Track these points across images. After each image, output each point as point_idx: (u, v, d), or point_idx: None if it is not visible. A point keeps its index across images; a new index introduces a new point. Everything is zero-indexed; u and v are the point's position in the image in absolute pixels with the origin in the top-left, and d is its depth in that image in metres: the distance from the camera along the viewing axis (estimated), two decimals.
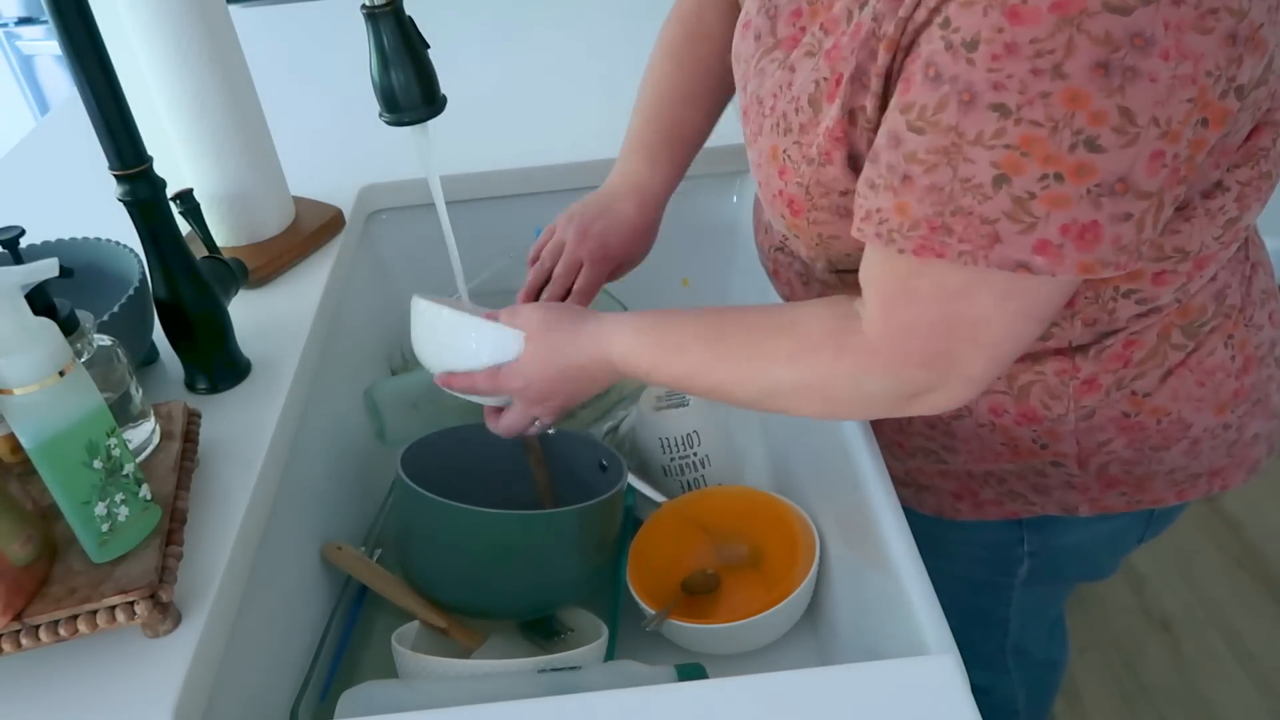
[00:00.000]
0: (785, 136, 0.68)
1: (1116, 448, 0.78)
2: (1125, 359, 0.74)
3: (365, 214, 1.16)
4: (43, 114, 2.71)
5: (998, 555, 0.93)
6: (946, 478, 0.88)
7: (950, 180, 0.55)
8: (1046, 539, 0.89)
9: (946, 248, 0.57)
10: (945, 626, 0.63)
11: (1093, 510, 0.84)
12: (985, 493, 0.86)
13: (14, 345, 0.57)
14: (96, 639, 0.64)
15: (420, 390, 0.98)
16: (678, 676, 0.73)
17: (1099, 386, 0.75)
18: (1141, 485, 0.82)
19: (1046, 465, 0.81)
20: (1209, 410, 0.77)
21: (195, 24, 0.91)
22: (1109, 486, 0.82)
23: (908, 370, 0.64)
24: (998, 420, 0.79)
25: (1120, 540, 0.91)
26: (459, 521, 0.78)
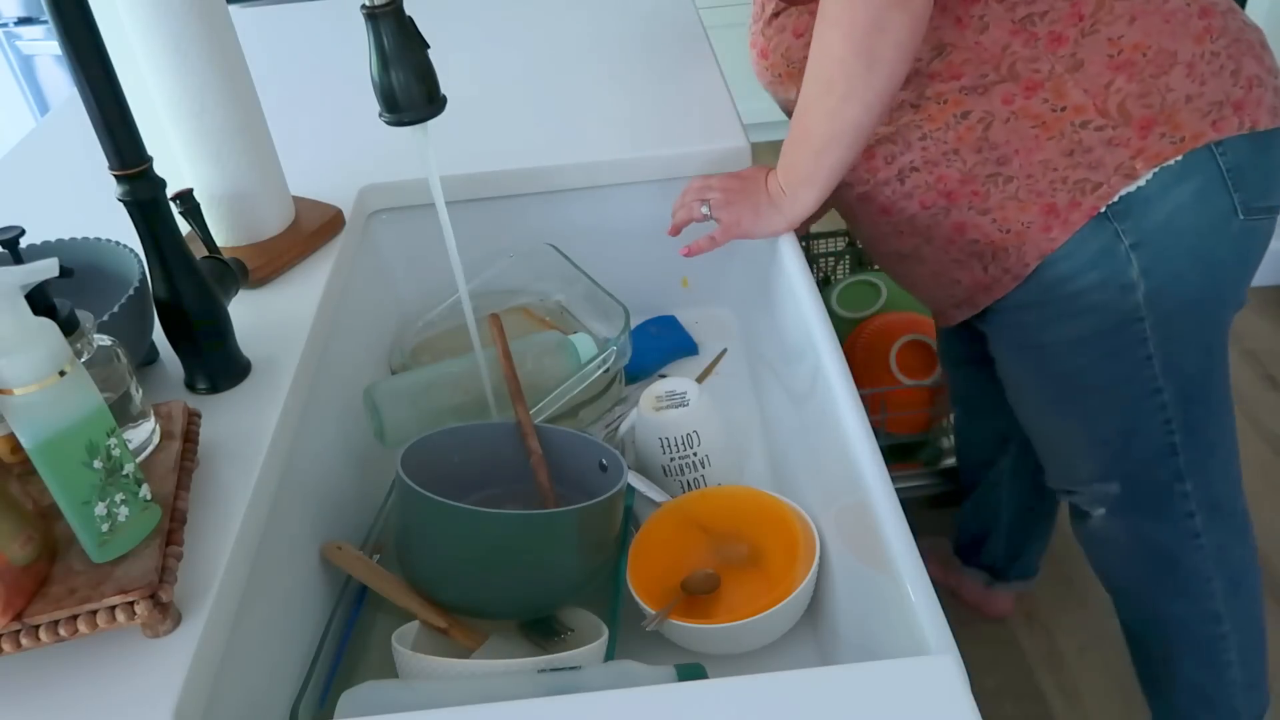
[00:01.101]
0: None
1: (1120, 84, 0.90)
2: (1077, 15, 0.89)
3: (365, 214, 1.16)
4: (43, 114, 2.71)
5: (1109, 273, 0.95)
6: (1026, 209, 0.95)
7: None
8: (1136, 223, 0.93)
9: None
10: (945, 626, 0.63)
11: (1149, 163, 0.91)
12: (1059, 198, 0.94)
13: (14, 345, 0.57)
14: (96, 639, 0.64)
15: (420, 390, 0.98)
16: (678, 676, 0.73)
17: (1065, 39, 0.89)
18: (1172, 120, 0.90)
19: (1079, 129, 0.91)
20: (1186, 39, 0.89)
21: (195, 24, 0.91)
22: (1144, 129, 0.90)
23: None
24: (1011, 107, 0.92)
25: (1210, 208, 0.93)
26: (459, 521, 0.78)
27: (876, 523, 0.71)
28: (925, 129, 0.96)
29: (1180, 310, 0.98)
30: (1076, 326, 1.00)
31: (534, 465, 0.91)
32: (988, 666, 1.62)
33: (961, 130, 0.95)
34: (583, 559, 0.82)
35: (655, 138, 1.19)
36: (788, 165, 0.97)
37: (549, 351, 1.00)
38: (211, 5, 0.92)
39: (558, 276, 1.12)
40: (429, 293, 1.13)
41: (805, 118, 0.92)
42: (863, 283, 1.74)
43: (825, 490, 0.84)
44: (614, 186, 1.17)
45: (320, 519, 0.88)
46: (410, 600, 0.82)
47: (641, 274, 1.20)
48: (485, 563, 0.79)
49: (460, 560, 0.80)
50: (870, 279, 1.73)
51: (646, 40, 1.47)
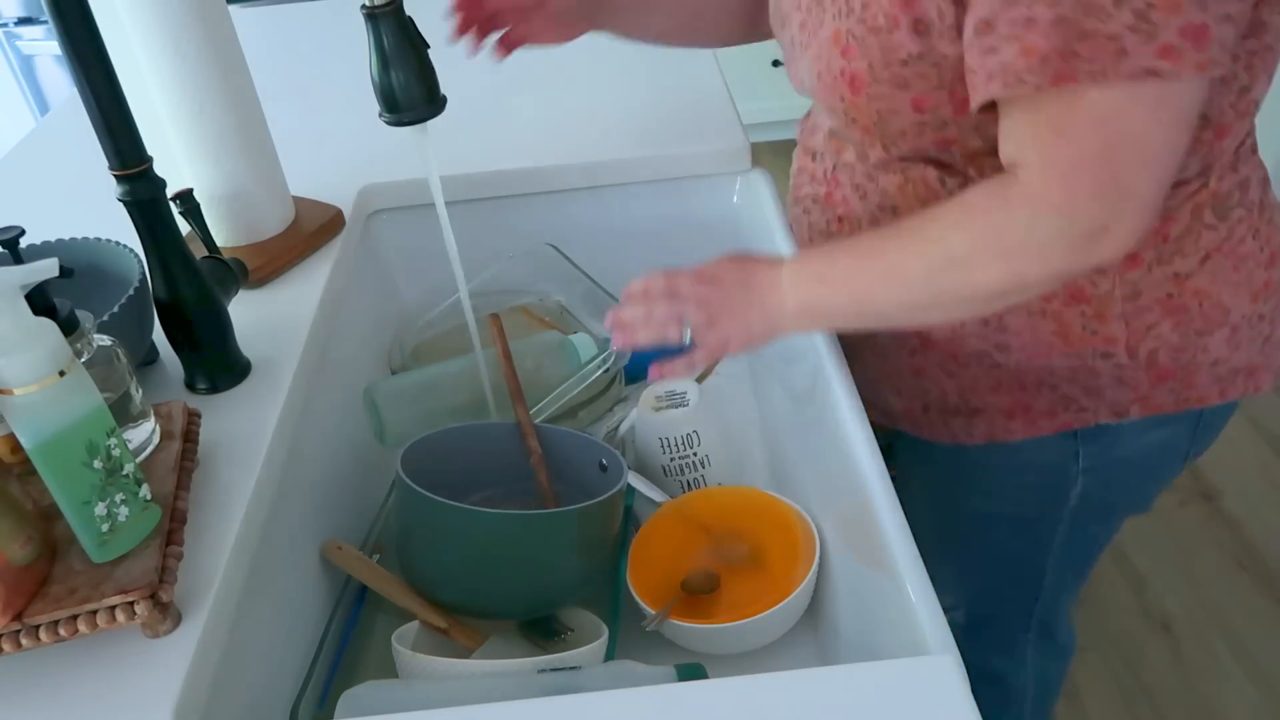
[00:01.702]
0: (849, 18, 0.73)
1: (1163, 331, 0.81)
2: (1163, 234, 0.78)
3: (365, 214, 1.16)
4: (43, 114, 2.71)
5: (1051, 479, 0.93)
6: (999, 391, 0.88)
7: (1074, 9, 0.60)
8: (1100, 451, 0.90)
9: (1076, 70, 0.61)
10: (945, 626, 0.63)
11: (1144, 411, 0.86)
12: (1038, 403, 0.87)
13: (14, 345, 0.57)
14: (96, 639, 0.64)
15: (420, 389, 0.98)
16: (678, 676, 0.73)
17: (1140, 261, 0.78)
18: (1188, 378, 0.84)
19: (1097, 358, 0.83)
20: (1244, 296, 0.82)
21: (195, 24, 0.91)
22: (1158, 380, 0.84)
23: (1081, 205, 0.65)
24: (1048, 305, 0.81)
25: (1169, 454, 0.92)
26: (459, 522, 0.78)
27: (876, 523, 0.71)
28: None
29: (1100, 517, 0.99)
30: (995, 504, 0.97)
31: (534, 465, 0.91)
32: None
33: None
34: (583, 559, 0.82)
35: (655, 138, 1.19)
36: (807, 292, 0.76)
37: (549, 351, 1.00)
38: (211, 5, 0.92)
39: (558, 276, 1.12)
40: (429, 293, 1.13)
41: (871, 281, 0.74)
42: None
43: (825, 490, 0.84)
44: (614, 186, 1.17)
45: (320, 519, 0.88)
46: (410, 600, 0.82)
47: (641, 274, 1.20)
48: (485, 563, 0.79)
49: (460, 560, 0.80)
50: None
51: None
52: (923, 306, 0.74)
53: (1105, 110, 0.63)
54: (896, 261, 0.72)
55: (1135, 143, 0.64)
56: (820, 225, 0.90)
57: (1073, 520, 0.96)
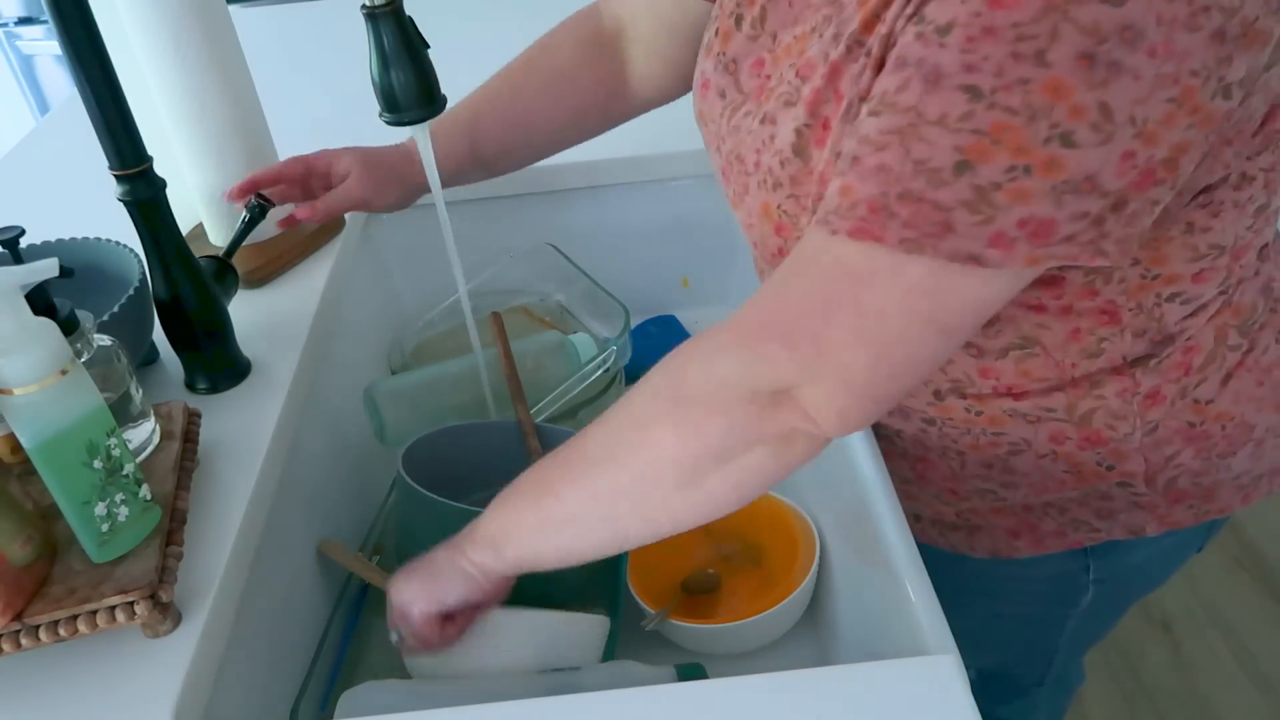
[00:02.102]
0: (776, 192, 0.64)
1: (1184, 459, 0.75)
2: (1186, 366, 0.71)
3: (365, 214, 1.15)
4: (43, 114, 2.71)
5: (1061, 588, 0.88)
6: (1003, 514, 0.82)
7: (901, 161, 0.51)
8: (1112, 564, 0.84)
9: (886, 231, 0.51)
10: (945, 626, 0.63)
11: (1161, 528, 0.80)
12: (1046, 525, 0.81)
13: (14, 345, 0.57)
14: (96, 639, 0.64)
15: (420, 390, 0.98)
16: (678, 676, 0.73)
17: (1163, 398, 0.71)
18: (1209, 495, 0.79)
19: (1112, 487, 0.77)
20: (1270, 409, 0.75)
21: (195, 24, 0.91)
22: (1177, 501, 0.78)
23: (762, 346, 0.55)
24: (1059, 449, 0.74)
25: (1183, 551, 0.88)
26: (461, 522, 0.78)
27: (876, 523, 0.71)
28: (941, 418, 0.75)
29: (1114, 608, 0.97)
30: (1003, 604, 0.92)
31: None
32: None
33: (983, 443, 0.75)
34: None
35: (655, 138, 1.19)
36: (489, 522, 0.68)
37: (549, 351, 1.00)
38: (211, 5, 0.92)
39: (558, 276, 1.12)
40: (429, 293, 1.13)
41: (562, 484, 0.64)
42: None
43: (825, 490, 0.84)
44: (614, 186, 1.17)
45: (320, 519, 0.88)
46: None
47: (641, 274, 1.20)
48: None
49: None
50: None
51: None
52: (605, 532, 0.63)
53: (858, 266, 0.52)
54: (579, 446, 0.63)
55: (869, 315, 0.53)
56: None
57: (1084, 617, 0.93)
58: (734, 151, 0.70)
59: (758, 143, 0.66)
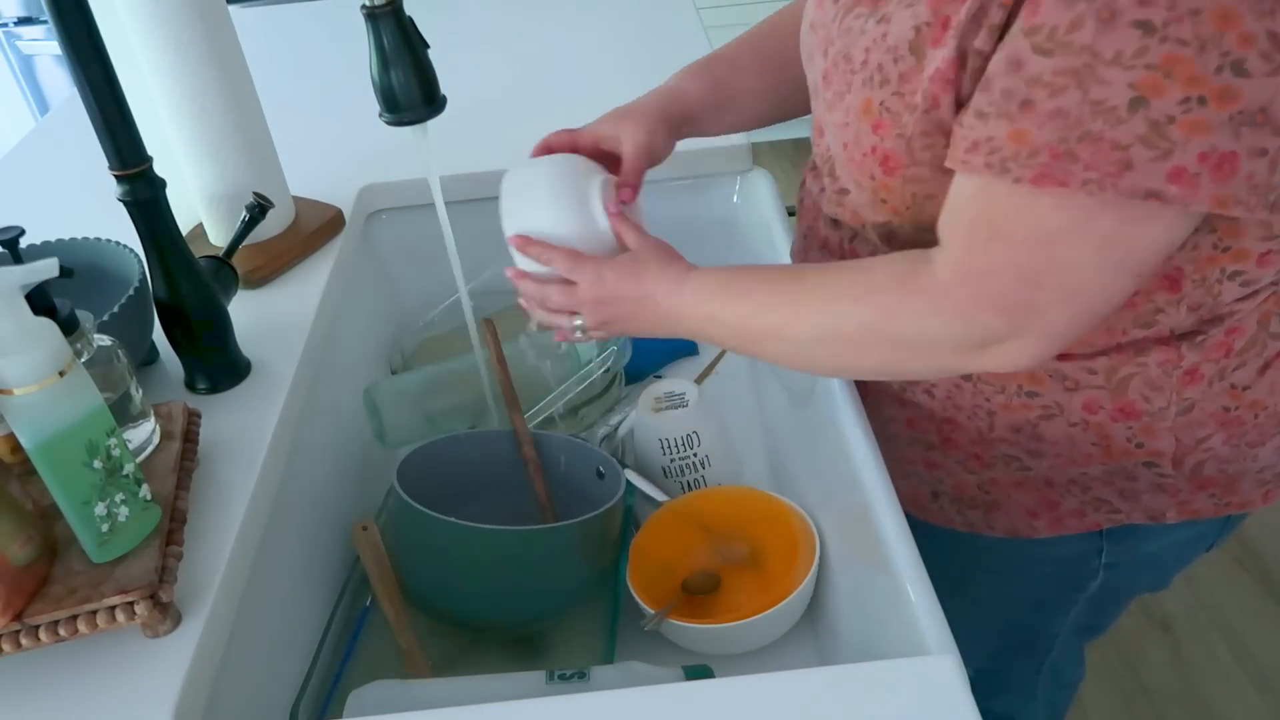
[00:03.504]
0: (882, 89, 0.65)
1: (1215, 444, 0.75)
2: (1228, 348, 0.71)
3: (365, 214, 1.16)
4: (43, 114, 2.71)
5: (1071, 571, 0.89)
6: (1024, 489, 0.82)
7: (1080, 103, 0.52)
8: (1127, 549, 0.85)
9: (1070, 175, 0.53)
10: (945, 626, 0.63)
11: (1180, 515, 0.80)
12: (1067, 503, 0.81)
13: (14, 345, 0.57)
14: (96, 639, 0.64)
15: (420, 390, 0.98)
16: (685, 678, 0.73)
17: (1201, 377, 0.72)
18: (1232, 486, 0.79)
19: (1138, 467, 0.77)
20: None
21: (195, 24, 0.91)
22: (1200, 488, 0.78)
23: (981, 314, 0.61)
24: (1091, 418, 0.74)
25: (1195, 547, 0.88)
26: (457, 537, 0.77)
27: (876, 523, 0.71)
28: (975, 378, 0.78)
29: (1118, 600, 0.97)
30: (1011, 585, 0.94)
31: (531, 473, 0.91)
32: None
33: (1015, 404, 0.76)
34: (582, 569, 0.82)
35: None
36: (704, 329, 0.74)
37: (549, 352, 1.00)
38: (211, 5, 0.92)
39: None
40: (429, 293, 1.13)
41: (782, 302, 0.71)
42: None
43: (825, 490, 0.84)
44: None
45: (320, 519, 0.88)
46: (393, 608, 0.81)
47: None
48: (484, 576, 0.79)
49: (459, 574, 0.79)
50: None
51: (646, 41, 1.47)
52: (800, 365, 0.74)
53: (1054, 227, 0.56)
54: (787, 320, 0.70)
55: (1070, 272, 0.58)
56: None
57: (1089, 604, 0.93)
58: (842, 52, 0.70)
59: (869, 41, 0.67)
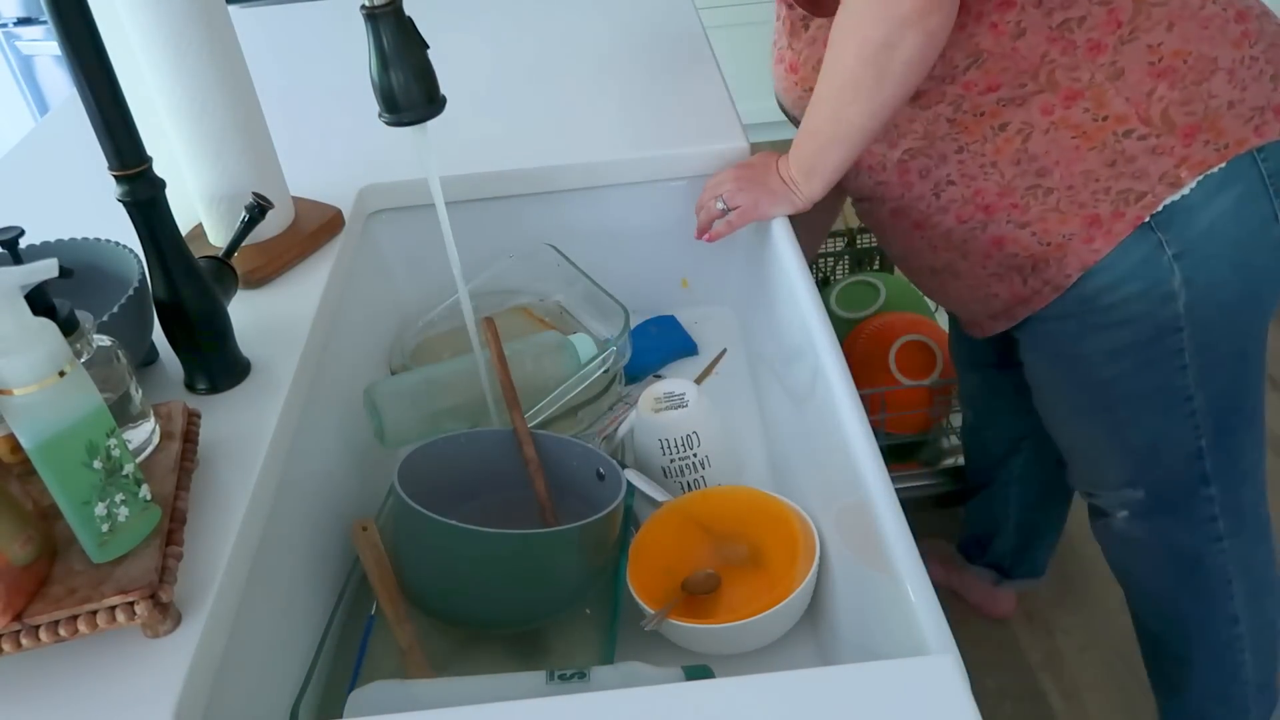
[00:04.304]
0: None
1: (1162, 90, 0.89)
2: (1116, 21, 0.88)
3: (365, 214, 1.16)
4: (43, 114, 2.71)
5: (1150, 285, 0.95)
6: (1067, 221, 0.95)
7: None
8: (1180, 230, 0.92)
9: None
10: (945, 626, 0.62)
11: (1193, 171, 0.90)
12: (1102, 208, 0.93)
13: (14, 345, 0.57)
14: (96, 639, 0.64)
15: (420, 390, 0.98)
16: (685, 678, 0.73)
17: (1103, 47, 0.88)
18: (1213, 124, 0.90)
19: (1121, 139, 0.90)
20: (1225, 44, 0.89)
21: (195, 24, 0.91)
22: (1187, 136, 0.90)
23: None
24: (1052, 116, 0.91)
25: (1251, 218, 0.93)
26: (456, 538, 0.77)
27: (876, 523, 0.71)
28: (962, 141, 0.96)
29: (1219, 319, 0.98)
30: (1114, 337, 1.00)
31: (531, 474, 0.91)
32: (988, 667, 1.62)
33: (999, 142, 0.94)
34: (583, 569, 0.82)
35: (655, 138, 1.19)
36: (796, 156, 0.99)
37: (549, 352, 1.00)
38: (211, 5, 0.92)
39: (558, 276, 1.12)
40: (429, 293, 1.13)
41: (814, 115, 0.95)
42: (862, 283, 1.74)
43: (825, 490, 0.84)
44: (614, 186, 1.17)
45: (320, 519, 0.88)
46: (392, 609, 0.81)
47: (641, 274, 1.20)
48: (484, 577, 0.79)
49: (458, 574, 0.79)
50: (869, 279, 1.73)
51: (646, 41, 1.47)
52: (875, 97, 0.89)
53: None
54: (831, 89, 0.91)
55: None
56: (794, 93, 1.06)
57: (1194, 336, 0.97)
58: None
59: None
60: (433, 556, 0.80)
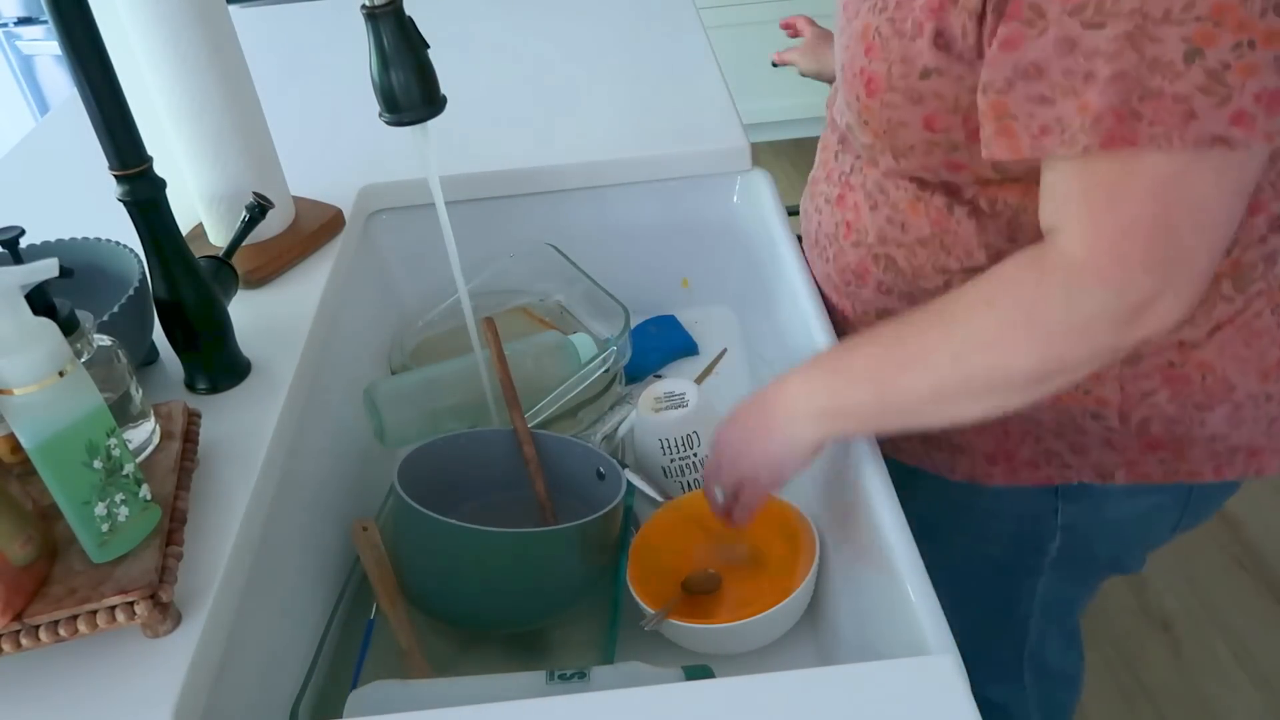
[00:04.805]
0: (880, 14, 0.70)
1: (1160, 400, 0.77)
2: None
3: (365, 214, 1.16)
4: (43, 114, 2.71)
5: (1029, 528, 0.91)
6: (984, 434, 0.85)
7: (1137, 65, 0.55)
8: (1082, 511, 0.87)
9: (1137, 133, 0.56)
10: (945, 626, 0.63)
11: (1130, 477, 0.82)
12: (1022, 452, 0.84)
13: (14, 345, 0.57)
14: (96, 639, 0.64)
15: (420, 390, 0.98)
16: (685, 678, 0.73)
17: None
18: (1180, 451, 0.80)
19: (1087, 417, 0.79)
20: (1253, 374, 0.77)
21: (195, 24, 0.91)
22: (1149, 449, 0.80)
23: (1130, 276, 0.60)
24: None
25: (1155, 523, 0.89)
26: (456, 538, 0.77)
27: (876, 523, 0.71)
28: None
29: (1081, 574, 0.96)
30: (975, 544, 0.95)
31: (531, 473, 0.91)
32: None
33: None
34: (583, 569, 0.81)
35: (655, 138, 1.19)
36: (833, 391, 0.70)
37: (549, 352, 1.00)
38: (211, 5, 0.92)
39: (558, 276, 1.12)
40: (429, 293, 1.13)
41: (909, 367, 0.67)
42: None
43: (825, 490, 0.84)
44: (614, 186, 1.17)
45: (320, 519, 0.88)
46: (393, 609, 0.81)
47: (641, 274, 1.20)
48: (484, 576, 0.79)
49: (458, 574, 0.79)
50: None
51: (646, 40, 1.47)
52: (953, 395, 0.66)
53: (1165, 174, 0.58)
54: (918, 346, 0.66)
55: (1195, 208, 0.59)
56: (829, 229, 0.87)
57: (1053, 571, 0.94)
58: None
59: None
60: (433, 556, 0.80)
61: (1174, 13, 0.54)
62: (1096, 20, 0.56)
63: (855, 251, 0.84)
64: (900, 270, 0.80)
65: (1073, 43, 0.57)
